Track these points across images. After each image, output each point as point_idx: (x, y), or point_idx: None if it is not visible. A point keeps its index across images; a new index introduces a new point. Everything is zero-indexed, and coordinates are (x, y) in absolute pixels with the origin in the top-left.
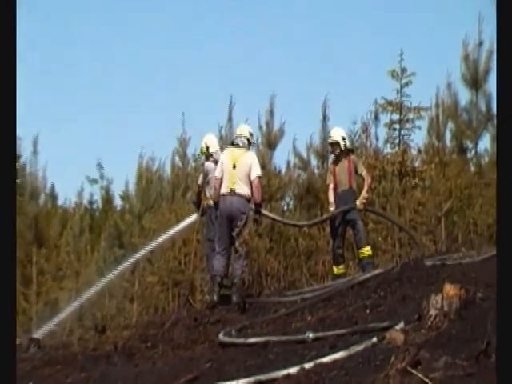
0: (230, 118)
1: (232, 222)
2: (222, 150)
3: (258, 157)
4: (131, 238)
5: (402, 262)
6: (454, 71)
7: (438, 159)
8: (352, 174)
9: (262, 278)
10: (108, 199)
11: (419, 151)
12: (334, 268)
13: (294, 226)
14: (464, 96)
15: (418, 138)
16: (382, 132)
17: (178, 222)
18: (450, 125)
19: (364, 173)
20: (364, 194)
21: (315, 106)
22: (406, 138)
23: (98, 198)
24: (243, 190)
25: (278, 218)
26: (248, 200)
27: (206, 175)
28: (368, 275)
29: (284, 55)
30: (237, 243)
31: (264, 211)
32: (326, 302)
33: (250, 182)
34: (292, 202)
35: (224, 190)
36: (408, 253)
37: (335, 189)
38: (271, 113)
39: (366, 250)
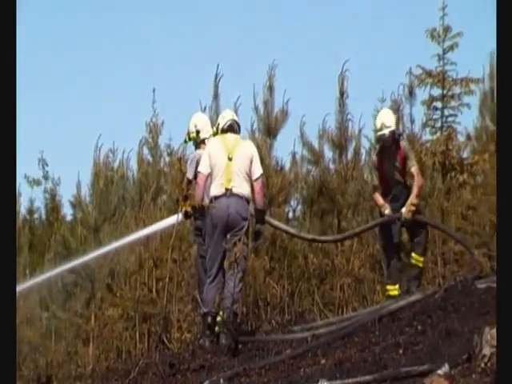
0: (215, 96)
1: (230, 232)
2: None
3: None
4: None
5: (447, 285)
6: None
7: (493, 148)
8: (405, 165)
9: (259, 309)
10: (54, 207)
11: (468, 137)
12: (390, 288)
13: (313, 241)
14: None
15: (467, 119)
16: (419, 112)
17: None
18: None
19: (414, 169)
20: (412, 199)
21: (329, 78)
22: (450, 119)
23: (40, 204)
24: (243, 188)
25: (291, 229)
26: (248, 202)
27: (197, 166)
28: (401, 303)
29: (286, 10)
30: (230, 258)
31: (271, 219)
32: (346, 340)
33: (250, 180)
34: (300, 208)
35: (217, 190)
36: (455, 272)
37: (385, 188)
38: (270, 88)
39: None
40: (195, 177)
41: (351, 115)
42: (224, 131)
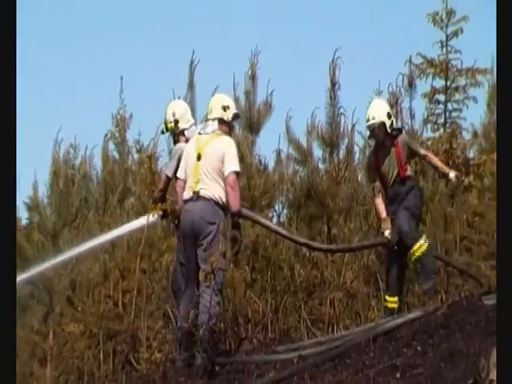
0: (190, 85)
1: (197, 241)
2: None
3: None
4: None
5: (451, 301)
6: None
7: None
8: (403, 162)
9: (239, 326)
10: None
11: (475, 135)
12: (388, 298)
13: (306, 246)
14: None
15: (474, 115)
16: (420, 106)
17: (113, 242)
18: None
19: (423, 151)
20: (452, 173)
21: (319, 67)
22: (454, 115)
23: None
24: (211, 190)
25: (282, 231)
26: (221, 206)
27: (178, 161)
28: (399, 321)
29: None
30: (203, 270)
31: (257, 217)
32: (337, 362)
33: (224, 180)
34: (285, 212)
35: (186, 193)
36: (459, 287)
37: (384, 187)
38: (253, 78)
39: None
40: (175, 174)
41: (344, 109)
42: (200, 133)
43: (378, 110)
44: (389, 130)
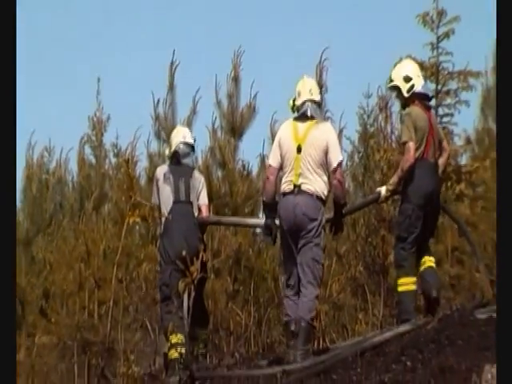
0: (171, 87)
1: (298, 234)
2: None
3: (217, 149)
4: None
5: (441, 315)
6: None
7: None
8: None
9: (221, 339)
10: None
11: (467, 141)
12: (404, 281)
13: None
14: None
15: (466, 119)
16: None
17: (87, 248)
18: None
19: (445, 143)
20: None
21: (306, 68)
22: (445, 120)
23: None
24: (313, 184)
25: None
26: (323, 200)
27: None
28: (387, 335)
29: None
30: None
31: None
32: (322, 378)
33: (326, 172)
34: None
35: (285, 186)
36: (451, 299)
37: None
38: (236, 79)
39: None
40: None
41: (331, 112)
42: (298, 116)
43: (397, 72)
44: (405, 95)
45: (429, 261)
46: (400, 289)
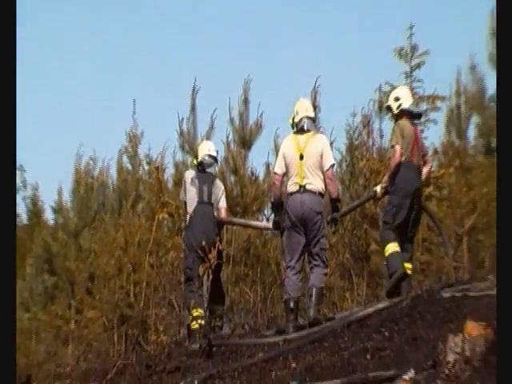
0: (193, 108)
1: (306, 227)
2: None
3: (230, 158)
4: (65, 261)
5: (414, 294)
6: (480, 50)
7: (458, 162)
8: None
9: (233, 313)
10: (36, 212)
11: (435, 152)
12: (388, 246)
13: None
14: (492, 82)
15: (434, 135)
16: (389, 127)
17: (125, 239)
18: (475, 118)
19: (428, 156)
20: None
21: (303, 92)
22: None
23: (21, 211)
24: (315, 184)
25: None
26: (322, 196)
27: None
28: (369, 310)
29: (260, 28)
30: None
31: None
32: (316, 345)
33: (322, 173)
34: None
35: (291, 187)
36: (421, 282)
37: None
38: (246, 101)
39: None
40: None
41: (323, 128)
42: (297, 131)
43: (391, 95)
44: (395, 111)
45: (407, 267)
46: (386, 253)
